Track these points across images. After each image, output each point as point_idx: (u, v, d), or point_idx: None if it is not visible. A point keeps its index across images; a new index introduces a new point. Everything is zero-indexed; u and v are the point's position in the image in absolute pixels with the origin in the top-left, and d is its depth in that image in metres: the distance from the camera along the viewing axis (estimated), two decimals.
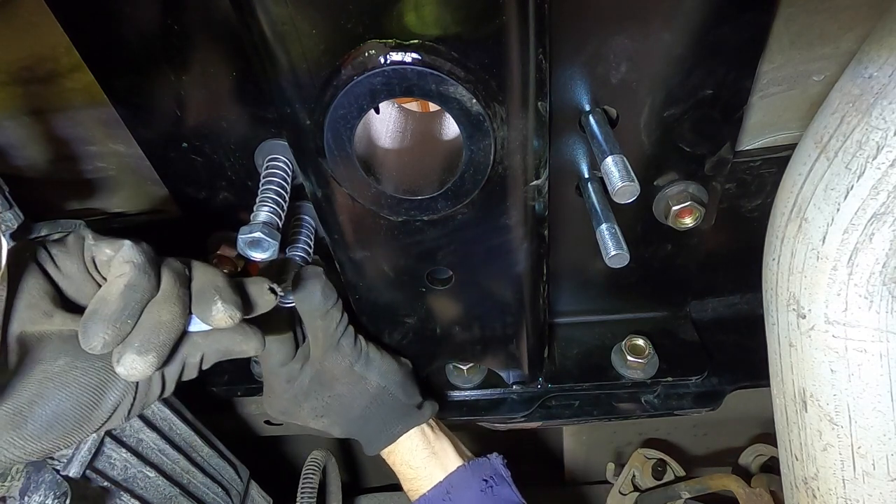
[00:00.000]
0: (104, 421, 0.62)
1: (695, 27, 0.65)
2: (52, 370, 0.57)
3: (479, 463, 0.87)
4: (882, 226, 0.63)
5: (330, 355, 0.81)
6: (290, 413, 0.85)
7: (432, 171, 0.68)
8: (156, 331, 0.56)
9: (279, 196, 0.74)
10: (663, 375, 1.03)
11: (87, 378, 0.59)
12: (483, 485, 0.84)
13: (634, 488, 1.42)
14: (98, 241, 0.61)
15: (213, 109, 0.74)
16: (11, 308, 0.54)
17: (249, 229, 0.69)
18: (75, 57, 0.71)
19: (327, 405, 0.83)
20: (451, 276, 0.81)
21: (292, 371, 0.81)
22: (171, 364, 0.63)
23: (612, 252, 0.72)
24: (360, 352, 0.84)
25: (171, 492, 0.99)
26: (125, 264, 0.57)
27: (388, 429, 0.86)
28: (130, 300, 0.55)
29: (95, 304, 0.55)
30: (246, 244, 0.70)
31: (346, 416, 0.84)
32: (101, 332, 0.53)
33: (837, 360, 0.69)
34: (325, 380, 0.82)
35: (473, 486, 0.84)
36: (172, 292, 0.59)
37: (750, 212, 0.93)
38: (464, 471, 0.86)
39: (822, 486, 0.77)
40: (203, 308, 0.60)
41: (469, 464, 0.87)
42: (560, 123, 0.74)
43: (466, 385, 1.07)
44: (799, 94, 0.80)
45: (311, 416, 0.84)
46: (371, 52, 0.54)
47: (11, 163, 0.91)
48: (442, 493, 0.84)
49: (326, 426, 0.86)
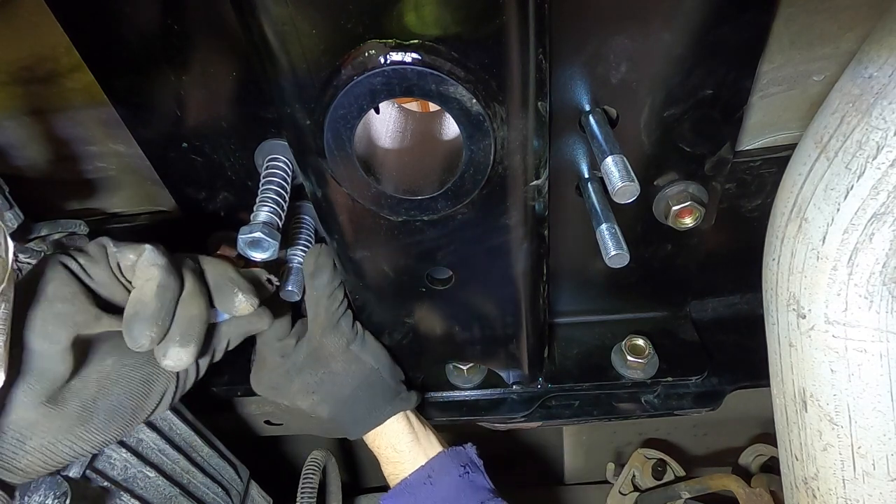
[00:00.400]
0: (153, 409, 0.70)
1: (695, 27, 0.65)
2: (105, 369, 0.65)
3: (456, 451, 0.90)
4: (882, 226, 0.63)
5: (328, 333, 0.83)
6: (280, 388, 0.87)
7: (432, 171, 0.68)
8: (191, 324, 0.63)
9: (279, 196, 0.74)
10: (663, 375, 1.03)
11: (136, 373, 0.67)
12: (461, 471, 0.87)
13: (634, 488, 1.42)
14: (120, 248, 0.65)
15: (214, 109, 0.74)
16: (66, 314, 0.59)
17: (249, 229, 0.70)
18: (75, 57, 0.71)
19: (320, 381, 0.85)
20: (451, 276, 0.81)
21: (287, 346, 0.84)
22: (204, 352, 0.71)
23: (612, 252, 0.72)
24: (357, 333, 0.87)
25: (171, 492, 0.99)
26: (151, 267, 0.63)
27: (378, 410, 0.88)
28: (165, 299, 0.61)
29: (134, 306, 0.61)
30: (246, 244, 0.70)
31: (336, 395, 0.86)
32: (146, 332, 0.59)
33: (837, 360, 0.69)
34: (321, 356, 0.84)
35: (453, 472, 0.86)
36: (196, 288, 0.65)
37: (750, 212, 0.93)
38: (444, 456, 0.88)
39: (822, 486, 0.77)
40: (225, 300, 0.68)
41: (449, 451, 0.90)
42: (560, 123, 0.74)
43: (466, 385, 1.07)
44: (799, 94, 0.80)
45: (301, 392, 0.86)
46: (371, 52, 0.54)
47: (11, 163, 0.91)
48: (424, 476, 0.86)
49: (315, 404, 0.87)
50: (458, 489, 0.85)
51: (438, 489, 0.85)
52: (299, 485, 1.11)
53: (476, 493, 0.85)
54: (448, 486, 0.85)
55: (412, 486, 0.86)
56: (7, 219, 0.79)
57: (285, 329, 0.84)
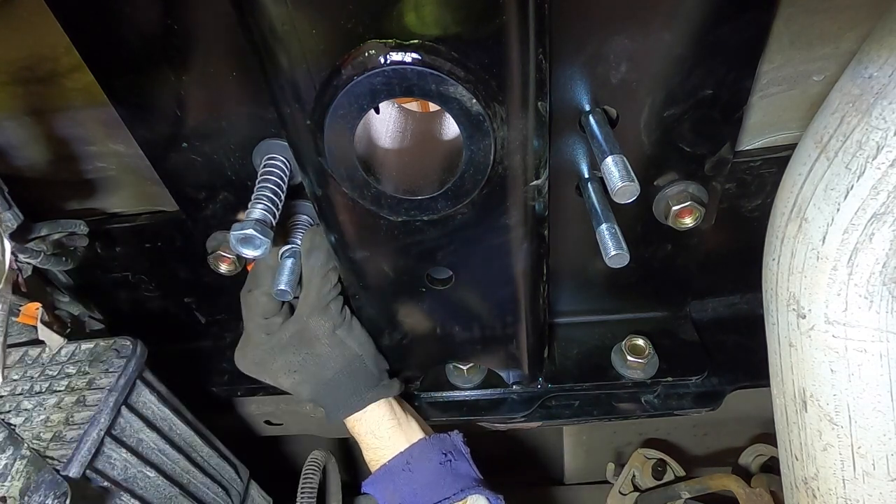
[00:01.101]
0: None
1: (695, 27, 0.65)
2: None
3: (439, 437, 0.90)
4: (882, 226, 0.63)
5: (316, 315, 0.84)
6: (263, 365, 0.88)
7: (432, 171, 0.68)
8: None
9: (274, 195, 0.73)
10: (663, 375, 1.03)
11: None
12: (442, 458, 0.87)
13: (634, 488, 1.42)
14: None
15: (213, 109, 0.74)
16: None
17: (241, 226, 0.69)
18: (75, 57, 0.71)
19: (302, 361, 0.86)
20: (451, 276, 0.81)
21: (273, 324, 0.85)
22: None
23: (612, 252, 0.71)
24: (345, 318, 0.87)
25: (171, 492, 0.99)
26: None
27: (359, 396, 0.88)
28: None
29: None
30: (238, 241, 0.69)
31: (318, 376, 0.87)
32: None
33: (837, 360, 0.69)
34: (306, 337, 0.85)
35: (433, 459, 0.86)
36: None
37: (750, 212, 0.93)
38: (425, 443, 0.88)
39: (822, 486, 0.77)
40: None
41: (430, 438, 0.90)
42: (560, 123, 0.74)
43: (466, 385, 1.07)
44: (799, 94, 0.80)
45: (283, 370, 0.87)
46: (371, 52, 0.54)
47: (11, 163, 0.91)
48: (402, 462, 0.86)
49: (296, 384, 0.88)
50: (438, 475, 0.85)
51: (417, 475, 0.85)
52: (299, 485, 1.11)
53: (457, 481, 0.85)
54: (427, 472, 0.85)
55: (392, 471, 0.87)
56: (7, 219, 0.79)
57: (274, 307, 0.84)
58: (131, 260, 1.07)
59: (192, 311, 1.18)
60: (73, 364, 0.96)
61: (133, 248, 1.04)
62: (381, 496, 0.88)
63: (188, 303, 1.16)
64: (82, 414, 0.87)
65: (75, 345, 0.99)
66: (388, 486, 0.87)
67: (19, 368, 0.98)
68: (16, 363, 0.99)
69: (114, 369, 0.94)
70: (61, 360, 0.98)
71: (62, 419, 0.87)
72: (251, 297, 0.84)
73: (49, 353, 0.99)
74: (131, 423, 0.93)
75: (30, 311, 0.93)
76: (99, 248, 1.03)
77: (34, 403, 0.91)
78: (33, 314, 0.93)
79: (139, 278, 1.10)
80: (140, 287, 1.12)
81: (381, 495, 0.88)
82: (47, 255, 0.86)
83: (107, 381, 0.92)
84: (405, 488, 0.85)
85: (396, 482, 0.86)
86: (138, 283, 1.11)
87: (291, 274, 0.82)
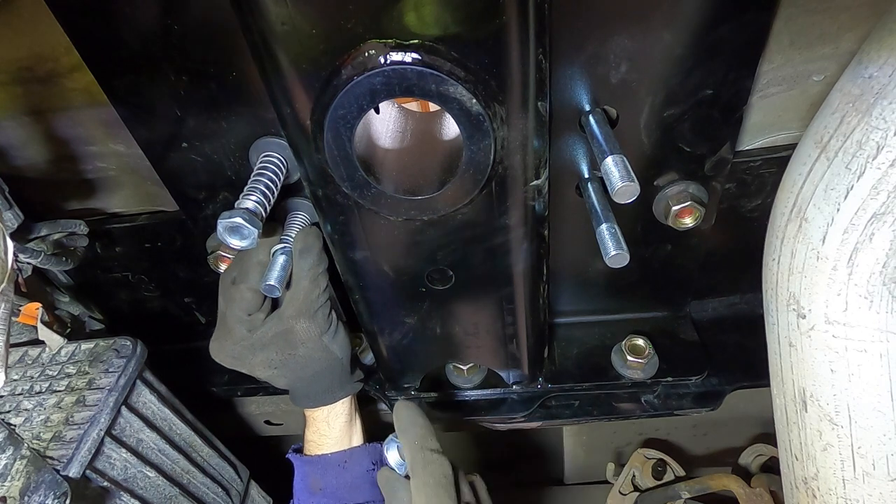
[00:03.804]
0: None
1: (695, 27, 0.65)
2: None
3: (373, 447, 0.96)
4: (882, 226, 0.63)
5: (303, 320, 0.84)
6: (241, 359, 0.88)
7: (432, 171, 0.68)
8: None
9: (267, 189, 0.72)
10: (663, 375, 1.03)
11: None
12: (371, 466, 0.93)
13: (634, 488, 1.42)
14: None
15: (213, 109, 0.74)
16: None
17: (230, 214, 0.66)
18: (75, 57, 0.71)
19: (284, 360, 0.87)
20: (451, 276, 0.81)
21: (255, 321, 0.84)
22: None
23: (612, 252, 0.71)
24: (332, 325, 0.87)
25: (171, 492, 0.99)
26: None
27: (332, 393, 0.92)
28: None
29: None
30: (225, 229, 0.66)
31: (297, 374, 0.89)
32: None
33: (837, 360, 0.69)
34: (290, 340, 0.85)
35: (364, 465, 0.93)
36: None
37: (750, 212, 0.93)
38: (363, 449, 0.95)
39: (822, 486, 0.77)
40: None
41: (367, 445, 0.96)
42: (560, 123, 0.74)
43: (466, 385, 1.07)
44: (799, 94, 0.80)
45: (262, 365, 0.88)
46: (371, 52, 0.54)
47: (11, 163, 0.91)
48: (340, 459, 0.93)
49: (273, 376, 0.90)
50: (363, 480, 0.92)
51: (347, 475, 0.92)
52: None
53: (371, 491, 0.91)
54: (355, 475, 0.92)
55: (329, 463, 0.93)
56: (7, 219, 0.79)
57: (257, 303, 0.83)
58: (131, 260, 1.07)
59: (192, 311, 1.18)
60: (73, 364, 0.96)
61: (133, 248, 1.04)
62: (304, 474, 0.93)
63: (188, 303, 1.16)
64: (82, 414, 0.87)
65: (75, 345, 0.99)
66: (318, 471, 0.93)
67: (19, 368, 0.98)
68: (16, 363, 0.99)
69: (114, 369, 0.94)
70: (61, 360, 0.98)
71: (62, 419, 0.87)
72: (237, 290, 0.82)
73: (49, 353, 0.99)
74: (131, 423, 0.93)
75: (30, 311, 0.93)
76: (99, 248, 1.03)
77: (34, 403, 0.91)
78: (33, 314, 0.93)
79: (139, 278, 1.10)
80: (140, 287, 1.12)
81: (305, 474, 0.93)
82: (47, 255, 0.86)
83: (107, 381, 0.92)
84: (332, 481, 0.92)
85: (327, 474, 0.92)
86: (138, 283, 1.11)
87: (282, 270, 0.80)
